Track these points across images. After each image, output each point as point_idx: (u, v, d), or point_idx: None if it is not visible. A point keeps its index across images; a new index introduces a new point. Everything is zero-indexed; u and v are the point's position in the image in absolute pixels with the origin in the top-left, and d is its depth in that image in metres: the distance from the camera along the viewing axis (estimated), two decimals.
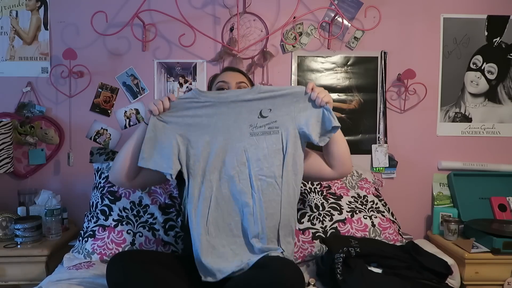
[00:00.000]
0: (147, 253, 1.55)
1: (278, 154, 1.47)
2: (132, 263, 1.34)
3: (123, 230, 1.78)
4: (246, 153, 1.47)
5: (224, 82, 1.64)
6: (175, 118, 1.48)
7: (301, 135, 1.50)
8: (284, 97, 1.50)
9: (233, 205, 1.45)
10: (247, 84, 1.65)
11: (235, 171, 1.46)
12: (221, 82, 1.64)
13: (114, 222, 1.80)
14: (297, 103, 1.50)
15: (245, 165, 1.46)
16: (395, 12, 2.27)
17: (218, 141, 1.47)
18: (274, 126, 1.49)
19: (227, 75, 1.68)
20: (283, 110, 1.49)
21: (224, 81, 1.64)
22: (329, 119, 1.47)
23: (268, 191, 1.45)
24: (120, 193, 1.88)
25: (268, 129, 1.48)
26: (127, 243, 1.75)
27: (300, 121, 1.49)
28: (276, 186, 1.46)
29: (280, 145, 1.48)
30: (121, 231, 1.78)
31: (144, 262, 1.35)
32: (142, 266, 1.33)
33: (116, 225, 1.79)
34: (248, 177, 1.45)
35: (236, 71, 1.73)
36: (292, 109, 1.50)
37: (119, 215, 1.82)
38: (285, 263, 1.35)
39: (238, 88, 1.62)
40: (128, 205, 1.84)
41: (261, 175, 1.46)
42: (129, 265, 1.33)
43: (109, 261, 1.37)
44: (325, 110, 1.48)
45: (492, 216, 2.20)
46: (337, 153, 1.56)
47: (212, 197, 1.45)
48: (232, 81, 1.63)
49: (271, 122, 1.49)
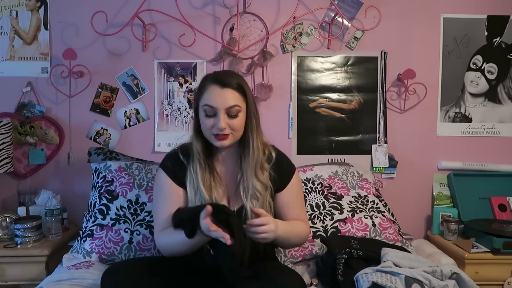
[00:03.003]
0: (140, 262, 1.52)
1: None
2: (125, 276, 1.33)
3: (120, 229, 1.78)
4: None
5: (211, 108, 1.38)
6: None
7: None
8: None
9: None
10: (240, 106, 1.40)
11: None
12: (207, 106, 1.38)
13: (112, 221, 1.80)
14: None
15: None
16: (395, 12, 2.27)
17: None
18: None
19: (215, 94, 1.39)
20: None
21: (211, 106, 1.38)
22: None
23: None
24: (117, 192, 1.87)
25: None
26: (125, 242, 1.75)
27: None
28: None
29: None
30: (118, 230, 1.78)
31: (137, 274, 1.34)
32: (135, 278, 1.32)
33: (113, 224, 1.79)
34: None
35: (227, 85, 1.39)
36: None
37: (116, 214, 1.82)
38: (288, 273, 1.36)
39: (229, 115, 1.39)
40: (125, 203, 1.84)
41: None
42: (123, 277, 1.32)
43: (103, 274, 1.36)
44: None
45: (492, 216, 2.20)
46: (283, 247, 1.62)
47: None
48: (221, 106, 1.37)
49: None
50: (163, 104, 2.28)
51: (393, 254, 1.49)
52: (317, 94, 2.30)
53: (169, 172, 1.50)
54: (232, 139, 1.43)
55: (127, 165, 1.96)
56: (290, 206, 1.53)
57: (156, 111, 2.28)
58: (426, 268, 1.43)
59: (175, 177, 1.49)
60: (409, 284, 1.34)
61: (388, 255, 1.48)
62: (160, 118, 2.28)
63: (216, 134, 1.40)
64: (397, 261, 1.46)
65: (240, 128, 1.42)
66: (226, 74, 1.47)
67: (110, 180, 1.91)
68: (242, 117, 1.42)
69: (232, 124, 1.40)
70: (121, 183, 1.89)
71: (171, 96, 2.28)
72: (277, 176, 1.51)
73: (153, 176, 1.90)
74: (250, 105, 1.43)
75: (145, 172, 1.94)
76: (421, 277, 1.37)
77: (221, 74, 1.48)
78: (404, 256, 1.50)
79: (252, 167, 1.45)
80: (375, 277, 1.36)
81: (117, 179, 1.91)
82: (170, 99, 2.28)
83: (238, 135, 1.44)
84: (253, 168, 1.45)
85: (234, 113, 1.39)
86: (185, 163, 1.48)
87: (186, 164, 1.48)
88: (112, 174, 1.93)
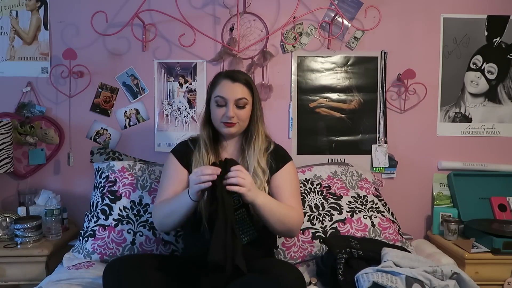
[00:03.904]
0: (144, 258, 1.55)
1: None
2: (128, 269, 1.34)
3: (123, 230, 1.78)
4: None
5: (222, 98, 1.54)
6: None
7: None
8: None
9: None
10: (247, 99, 1.56)
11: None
12: (219, 97, 1.55)
13: (115, 222, 1.80)
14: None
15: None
16: (395, 12, 2.27)
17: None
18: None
19: (226, 88, 1.56)
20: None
21: (222, 96, 1.54)
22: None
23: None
24: (121, 193, 1.88)
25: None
26: (127, 243, 1.75)
27: None
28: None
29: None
30: (121, 231, 1.78)
31: (140, 268, 1.36)
32: (138, 271, 1.33)
33: (116, 225, 1.79)
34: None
35: (237, 80, 1.57)
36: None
37: (119, 214, 1.82)
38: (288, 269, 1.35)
39: (237, 104, 1.54)
40: (128, 204, 1.84)
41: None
42: (125, 271, 1.33)
43: (106, 267, 1.38)
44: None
45: (492, 216, 2.20)
46: (269, 224, 1.48)
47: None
48: (231, 97, 1.53)
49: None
50: (163, 104, 2.28)
51: (394, 254, 1.50)
52: (317, 94, 2.30)
53: (177, 154, 1.65)
54: (238, 127, 1.58)
55: (130, 166, 1.96)
56: (282, 190, 1.59)
57: (156, 111, 2.28)
58: (426, 268, 1.43)
59: (181, 159, 1.63)
60: (410, 284, 1.34)
61: (389, 255, 1.48)
62: (160, 118, 2.28)
63: (225, 122, 1.55)
64: (397, 261, 1.46)
65: (246, 118, 1.59)
66: (236, 72, 1.68)
67: (113, 180, 1.91)
68: (249, 109, 1.58)
69: (239, 114, 1.56)
70: (124, 184, 1.89)
71: (171, 96, 2.28)
72: (274, 161, 1.63)
73: (156, 177, 1.93)
74: (256, 99, 1.61)
75: (148, 173, 1.94)
76: (422, 277, 1.37)
77: (232, 71, 1.70)
78: (405, 256, 1.50)
79: (256, 153, 1.58)
80: (375, 277, 1.36)
81: (120, 179, 1.91)
82: (170, 99, 2.28)
83: (244, 125, 1.60)
84: (256, 154, 1.58)
85: (242, 104, 1.55)
86: (192, 148, 1.64)
87: (193, 148, 1.64)
88: (115, 174, 1.93)
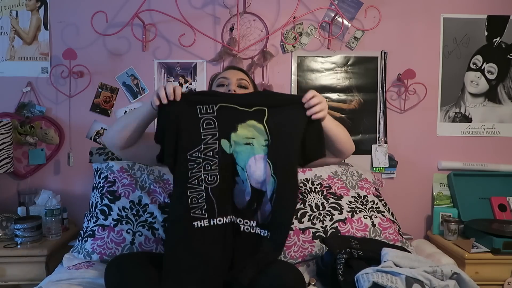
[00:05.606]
0: (144, 255, 1.55)
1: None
2: (129, 266, 1.34)
3: (122, 230, 1.78)
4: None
5: (225, 78, 1.64)
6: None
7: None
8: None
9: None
10: (247, 81, 1.66)
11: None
12: (222, 78, 1.65)
13: (114, 222, 1.80)
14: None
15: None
16: (395, 12, 2.27)
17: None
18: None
19: (228, 72, 1.69)
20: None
21: (225, 77, 1.64)
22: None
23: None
24: (120, 193, 1.87)
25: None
26: (127, 243, 1.75)
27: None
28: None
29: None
30: (120, 231, 1.78)
31: (141, 265, 1.36)
32: (139, 268, 1.33)
33: (115, 225, 1.79)
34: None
35: (237, 69, 1.73)
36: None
37: (118, 214, 1.82)
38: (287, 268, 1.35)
39: (239, 84, 1.62)
40: (127, 204, 1.84)
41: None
42: (126, 268, 1.33)
43: (107, 264, 1.38)
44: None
45: (492, 216, 2.20)
46: (333, 142, 1.50)
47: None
48: (233, 77, 1.63)
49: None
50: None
51: (394, 254, 1.49)
52: None
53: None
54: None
55: (129, 166, 1.96)
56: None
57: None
58: (426, 268, 1.42)
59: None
60: (410, 284, 1.34)
61: (389, 255, 1.48)
62: None
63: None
64: (397, 261, 1.46)
65: None
66: (237, 66, 1.89)
67: (112, 180, 1.91)
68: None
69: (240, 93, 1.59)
70: (124, 184, 1.89)
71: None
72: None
73: (155, 178, 1.93)
74: (255, 89, 1.70)
75: (147, 173, 1.94)
76: (422, 277, 1.37)
77: (232, 65, 1.88)
78: (405, 256, 1.50)
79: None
80: (375, 277, 1.35)
81: (119, 180, 1.91)
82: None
83: None
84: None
85: (243, 84, 1.63)
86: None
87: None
88: (114, 174, 1.93)
